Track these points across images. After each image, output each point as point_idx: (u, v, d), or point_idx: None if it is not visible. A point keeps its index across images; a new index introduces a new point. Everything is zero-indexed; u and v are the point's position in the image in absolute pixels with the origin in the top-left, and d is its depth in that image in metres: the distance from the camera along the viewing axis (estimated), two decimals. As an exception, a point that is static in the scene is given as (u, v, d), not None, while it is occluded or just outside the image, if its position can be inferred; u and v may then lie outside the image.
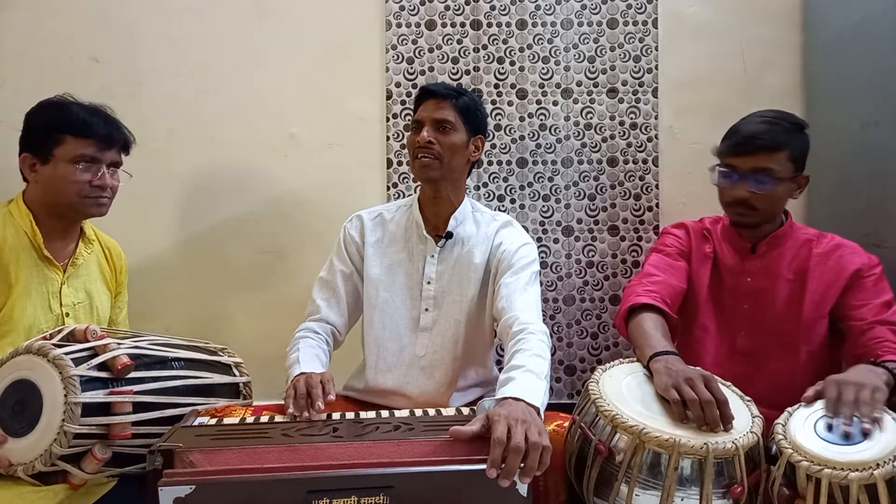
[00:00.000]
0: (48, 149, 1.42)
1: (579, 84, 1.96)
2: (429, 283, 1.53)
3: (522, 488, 1.01)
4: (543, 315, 1.59)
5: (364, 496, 0.98)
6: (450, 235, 1.54)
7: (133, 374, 1.19)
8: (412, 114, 1.58)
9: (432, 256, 1.54)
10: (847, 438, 1.07)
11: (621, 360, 1.33)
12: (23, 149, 1.45)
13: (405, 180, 1.97)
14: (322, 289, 1.57)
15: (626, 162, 1.96)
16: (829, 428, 1.10)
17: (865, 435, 1.07)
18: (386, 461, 1.03)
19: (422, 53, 1.97)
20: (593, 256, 1.97)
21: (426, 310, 1.53)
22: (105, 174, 1.46)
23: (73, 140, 1.42)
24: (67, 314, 1.47)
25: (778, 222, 1.53)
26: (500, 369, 1.33)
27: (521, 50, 1.96)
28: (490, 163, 1.97)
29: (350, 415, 1.24)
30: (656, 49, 1.95)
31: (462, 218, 1.56)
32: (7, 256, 1.40)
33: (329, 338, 1.53)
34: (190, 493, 0.96)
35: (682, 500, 1.07)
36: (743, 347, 1.51)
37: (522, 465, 0.99)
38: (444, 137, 1.48)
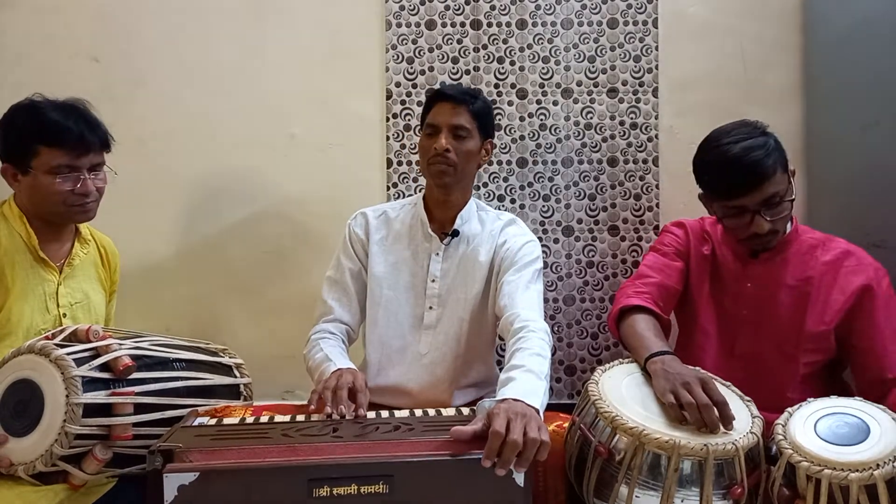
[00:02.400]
0: (25, 160, 1.38)
1: (579, 84, 1.96)
2: (433, 280, 1.53)
3: (519, 478, 1.01)
4: (543, 315, 1.59)
5: (364, 485, 0.99)
6: (456, 233, 1.54)
7: (134, 375, 1.19)
8: (422, 115, 1.57)
9: (437, 254, 1.54)
10: None
11: (621, 360, 1.33)
12: (2, 158, 1.41)
13: (405, 180, 1.97)
14: (332, 288, 1.57)
15: (626, 162, 1.96)
16: None
17: None
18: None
19: (422, 53, 1.97)
20: (593, 256, 1.97)
21: (430, 308, 1.53)
22: (86, 180, 1.41)
23: (48, 151, 1.37)
24: (65, 315, 1.47)
25: None
26: (501, 368, 1.33)
27: (521, 50, 1.96)
28: (490, 163, 1.96)
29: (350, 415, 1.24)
30: (656, 49, 1.95)
31: (468, 216, 1.57)
32: (2, 259, 1.39)
33: (345, 337, 1.53)
34: (194, 480, 0.97)
35: (682, 500, 1.07)
36: (741, 352, 1.48)
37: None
38: (459, 144, 1.48)
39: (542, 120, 1.96)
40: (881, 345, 1.35)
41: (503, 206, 1.97)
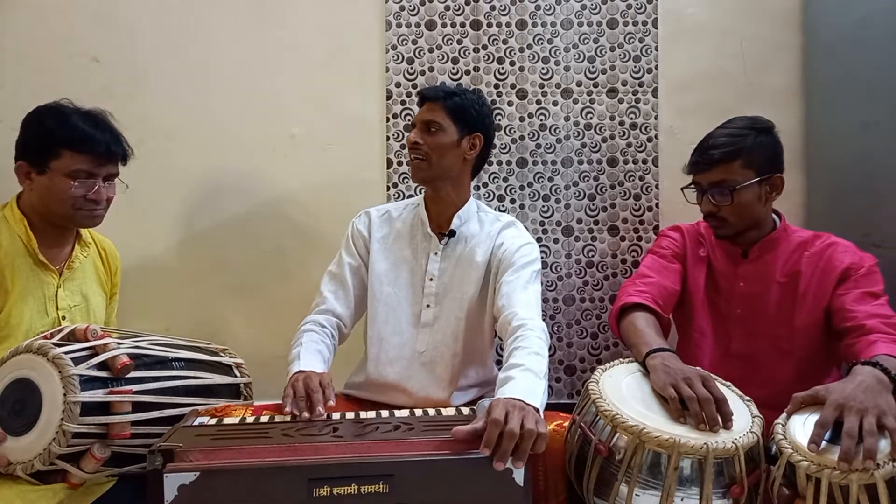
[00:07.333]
0: (45, 160, 1.39)
1: (579, 84, 1.96)
2: (431, 279, 1.54)
3: (519, 476, 1.02)
4: (543, 315, 1.60)
5: (364, 484, 1.00)
6: (453, 233, 1.55)
7: (133, 374, 1.19)
8: (413, 115, 1.59)
9: (435, 254, 1.55)
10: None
11: (621, 359, 1.33)
12: (19, 156, 1.42)
13: (405, 180, 1.97)
14: (330, 281, 1.59)
15: (626, 162, 1.96)
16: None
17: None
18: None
19: (422, 53, 1.97)
20: (593, 256, 1.97)
21: (427, 306, 1.54)
22: (100, 188, 1.43)
23: (71, 155, 1.39)
24: (64, 317, 1.47)
25: (768, 226, 1.52)
26: (500, 369, 1.33)
27: (521, 50, 1.96)
28: (490, 163, 1.96)
29: (350, 415, 1.24)
30: (656, 49, 1.95)
31: (466, 217, 1.58)
32: (2, 261, 1.39)
33: (334, 331, 1.54)
34: (194, 479, 0.97)
35: (682, 500, 1.06)
36: (737, 351, 1.51)
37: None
38: (430, 138, 1.51)
39: (542, 120, 1.96)
40: (848, 305, 1.38)
41: (503, 206, 1.97)
